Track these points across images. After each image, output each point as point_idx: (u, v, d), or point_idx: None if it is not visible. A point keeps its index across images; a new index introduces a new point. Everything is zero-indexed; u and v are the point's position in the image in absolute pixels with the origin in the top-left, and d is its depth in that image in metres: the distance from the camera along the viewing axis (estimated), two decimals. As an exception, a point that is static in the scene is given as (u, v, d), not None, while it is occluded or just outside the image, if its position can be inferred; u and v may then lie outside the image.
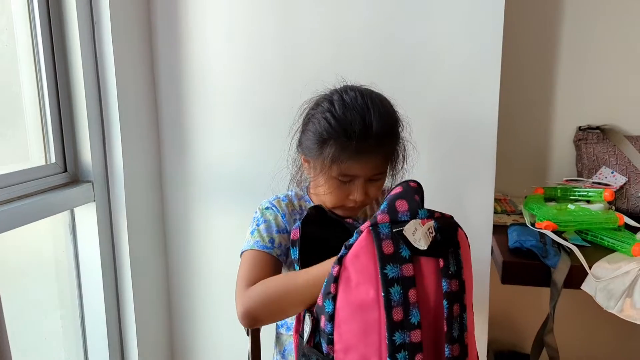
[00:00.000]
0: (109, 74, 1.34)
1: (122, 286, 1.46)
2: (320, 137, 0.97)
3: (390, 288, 0.75)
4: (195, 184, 1.54)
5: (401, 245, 0.77)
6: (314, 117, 1.01)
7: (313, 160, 1.01)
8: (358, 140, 0.94)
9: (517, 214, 1.52)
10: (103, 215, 1.41)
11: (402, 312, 0.75)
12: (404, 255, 0.77)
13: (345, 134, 0.95)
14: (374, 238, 0.77)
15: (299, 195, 1.10)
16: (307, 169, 1.05)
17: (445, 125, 1.36)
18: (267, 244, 0.99)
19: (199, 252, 1.58)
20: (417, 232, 0.77)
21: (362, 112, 0.96)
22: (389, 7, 1.34)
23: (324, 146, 0.96)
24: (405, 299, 0.76)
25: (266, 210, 1.06)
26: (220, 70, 1.46)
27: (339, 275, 0.79)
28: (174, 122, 1.51)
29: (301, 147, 1.04)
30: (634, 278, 1.13)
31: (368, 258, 0.77)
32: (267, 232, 1.01)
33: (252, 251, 0.99)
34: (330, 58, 1.38)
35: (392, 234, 0.77)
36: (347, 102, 0.98)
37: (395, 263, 0.76)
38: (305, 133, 1.02)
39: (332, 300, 0.79)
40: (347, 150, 0.94)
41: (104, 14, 1.32)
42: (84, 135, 1.34)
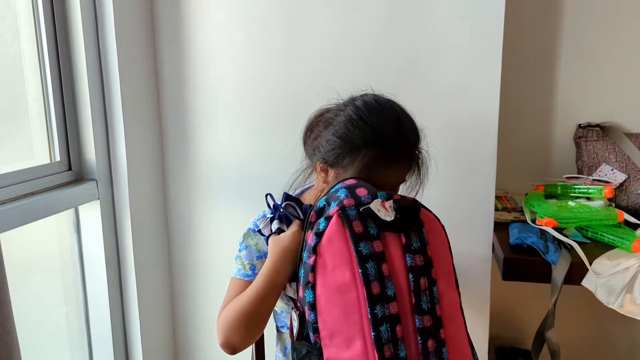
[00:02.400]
0: (112, 72, 1.36)
1: (126, 283, 1.48)
2: (352, 145, 0.94)
3: (366, 264, 0.80)
4: (198, 181, 1.55)
5: (369, 223, 0.82)
6: (336, 124, 0.97)
7: (337, 170, 0.97)
8: (395, 149, 0.94)
9: (518, 211, 1.53)
10: (107, 213, 1.42)
11: (379, 286, 0.79)
12: (373, 233, 0.82)
13: (382, 141, 0.93)
14: (344, 220, 0.82)
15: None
16: (323, 177, 1.00)
17: (446, 123, 1.37)
18: (247, 272, 1.02)
19: (202, 249, 1.59)
20: (381, 210, 0.83)
21: (394, 120, 0.96)
22: (390, 8, 1.34)
23: (356, 154, 0.93)
24: (379, 273, 0.80)
25: (247, 236, 1.07)
26: (223, 69, 1.46)
27: (315, 264, 0.82)
28: (177, 120, 1.52)
29: (319, 154, 0.99)
30: (634, 274, 1.14)
31: (340, 241, 0.81)
32: (248, 258, 1.04)
33: (234, 279, 1.03)
34: (332, 57, 1.38)
35: (360, 214, 0.82)
36: (376, 108, 0.96)
37: (367, 240, 0.81)
38: (327, 141, 0.97)
39: (311, 289, 0.82)
40: (384, 158, 0.94)
41: (107, 13, 1.33)
42: (88, 134, 1.35)
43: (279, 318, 1.15)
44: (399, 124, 0.95)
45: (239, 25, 1.43)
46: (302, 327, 0.86)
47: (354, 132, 0.94)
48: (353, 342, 0.79)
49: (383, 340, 0.77)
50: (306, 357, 0.84)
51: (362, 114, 0.95)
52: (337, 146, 0.95)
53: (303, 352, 0.85)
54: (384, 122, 0.94)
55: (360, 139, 0.93)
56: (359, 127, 0.94)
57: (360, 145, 0.93)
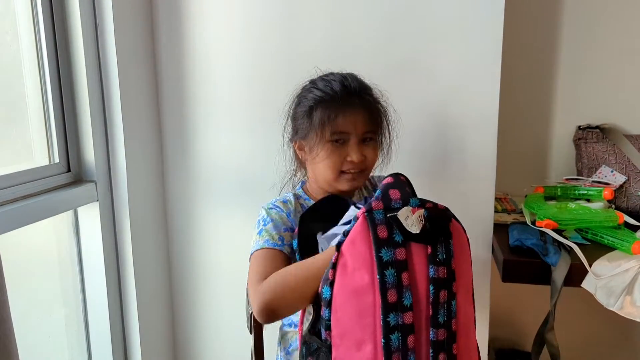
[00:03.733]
0: (111, 74, 1.35)
1: (125, 285, 1.47)
2: (308, 110, 1.04)
3: (385, 270, 0.79)
4: (197, 183, 1.55)
5: (395, 230, 0.81)
6: (299, 103, 1.08)
7: (307, 139, 1.04)
8: (341, 96, 1.02)
9: (518, 213, 1.53)
10: (106, 215, 1.41)
11: (396, 294, 0.79)
12: (397, 240, 0.81)
13: (328, 95, 1.03)
14: (369, 223, 0.81)
15: (297, 195, 1.11)
16: (303, 155, 1.08)
17: (446, 125, 1.37)
18: (277, 242, 0.99)
19: (202, 251, 1.59)
20: (409, 218, 0.81)
21: (341, 78, 1.05)
22: (389, 9, 1.34)
23: (312, 115, 1.02)
24: (399, 281, 0.79)
25: (271, 210, 1.06)
26: (223, 70, 1.46)
27: (336, 262, 0.82)
28: (176, 121, 1.52)
29: (292, 134, 1.09)
30: (634, 276, 1.13)
31: (363, 244, 0.81)
32: (276, 230, 1.01)
33: (262, 250, 0.98)
34: (332, 58, 1.37)
35: (386, 219, 0.81)
36: (328, 77, 1.07)
37: (390, 247, 0.80)
38: (294, 120, 1.08)
39: (329, 287, 0.82)
40: (333, 106, 1.01)
41: (106, 14, 1.33)
42: (87, 135, 1.35)
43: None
44: (344, 80, 1.05)
45: (238, 27, 1.43)
46: (315, 322, 0.85)
47: (307, 97, 1.06)
48: (364, 345, 0.79)
49: (392, 349, 0.77)
50: (315, 353, 0.84)
51: (314, 84, 1.07)
52: (299, 117, 1.06)
53: (313, 347, 0.85)
54: (330, 83, 1.05)
55: (312, 99, 1.04)
56: (311, 94, 1.05)
57: (313, 106, 1.03)
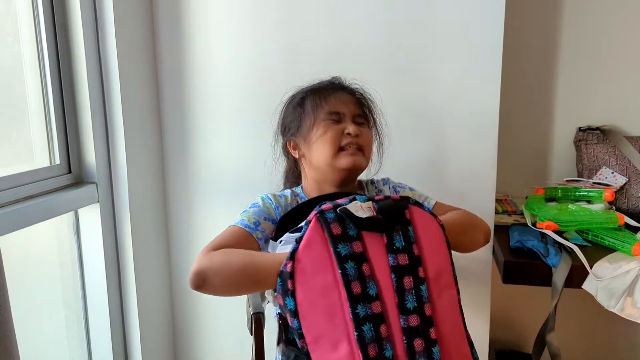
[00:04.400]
0: (112, 75, 1.35)
1: (125, 287, 1.47)
2: (299, 102, 1.10)
3: (345, 264, 0.80)
4: (198, 185, 1.55)
5: (348, 225, 0.83)
6: (288, 106, 1.14)
7: (301, 130, 1.08)
8: (330, 86, 1.11)
9: (518, 214, 1.53)
10: (107, 216, 1.41)
11: (360, 286, 0.80)
12: (352, 234, 0.83)
13: (316, 86, 1.12)
14: (322, 223, 0.83)
15: (295, 193, 1.13)
16: (298, 152, 1.11)
17: (446, 126, 1.37)
18: (250, 224, 1.01)
19: (201, 248, 1.58)
20: (359, 211, 0.84)
21: (330, 78, 1.14)
22: (391, 11, 1.35)
23: (304, 104, 1.08)
24: (360, 273, 0.81)
25: (261, 199, 1.09)
26: (223, 73, 1.47)
27: (293, 270, 0.82)
28: (177, 123, 1.52)
29: (284, 138, 1.14)
30: (635, 277, 1.13)
31: (319, 244, 0.82)
32: (255, 215, 1.04)
33: (234, 227, 1.02)
34: (332, 62, 1.39)
35: (338, 216, 0.83)
36: (318, 80, 1.15)
37: (346, 242, 0.82)
38: (285, 120, 1.13)
39: (291, 297, 0.82)
40: (323, 92, 1.08)
41: (107, 16, 1.33)
42: (88, 137, 1.35)
43: None
44: (333, 78, 1.14)
45: (238, 29, 1.43)
46: (284, 332, 0.87)
47: (296, 96, 1.13)
48: (339, 344, 0.79)
49: (367, 340, 0.78)
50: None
51: (302, 87, 1.14)
52: (289, 114, 1.12)
53: (292, 357, 0.86)
54: (317, 81, 1.14)
55: (302, 93, 1.11)
56: (299, 91, 1.13)
57: (304, 96, 1.10)
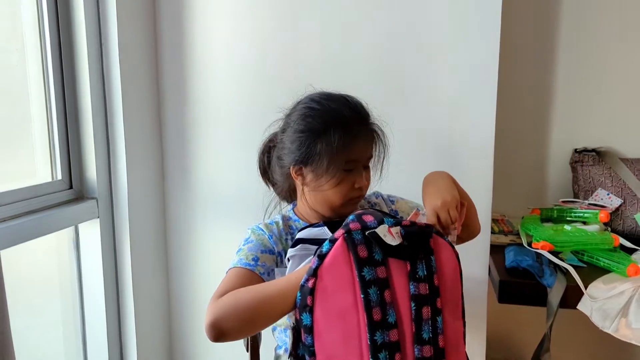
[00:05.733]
0: (115, 92, 1.38)
1: (123, 302, 1.48)
2: (317, 132, 0.97)
3: (368, 289, 0.80)
4: (197, 202, 1.56)
5: (374, 249, 0.83)
6: (293, 124, 1.01)
7: (313, 165, 0.98)
8: (355, 123, 0.98)
9: (515, 234, 1.54)
10: (106, 232, 1.43)
11: (381, 312, 0.80)
12: (377, 258, 0.82)
13: (342, 119, 0.97)
14: (349, 244, 0.82)
15: (286, 217, 1.09)
16: (302, 180, 1.03)
17: (442, 146, 1.38)
18: (249, 262, 0.98)
19: (201, 270, 1.60)
20: (387, 236, 0.83)
21: (344, 100, 1.01)
22: (390, 33, 1.38)
23: (323, 139, 0.96)
24: (382, 299, 0.81)
25: (253, 232, 1.05)
26: (223, 92, 1.49)
27: (314, 287, 0.81)
28: (178, 140, 1.54)
29: (288, 159, 1.02)
30: (629, 298, 1.14)
31: (344, 264, 0.82)
32: (252, 251, 1.00)
33: (234, 268, 0.98)
34: (332, 83, 1.40)
35: (365, 238, 0.82)
36: (324, 96, 1.02)
37: (371, 266, 0.81)
38: (292, 142, 1.00)
39: (309, 313, 0.82)
40: (349, 134, 0.97)
41: (111, 35, 1.36)
42: (90, 153, 1.37)
43: (280, 337, 1.15)
44: (349, 102, 1.01)
45: (241, 50, 1.46)
46: (296, 346, 0.85)
47: (314, 120, 0.98)
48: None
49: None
50: None
51: (315, 104, 1.00)
52: (304, 140, 0.98)
53: None
54: (337, 104, 0.99)
55: (323, 124, 0.97)
56: (318, 115, 0.99)
57: (325, 129, 0.96)
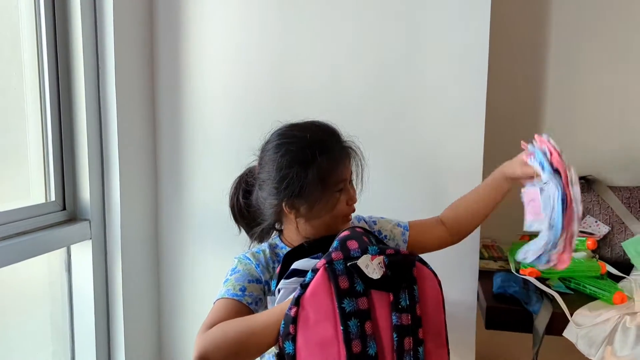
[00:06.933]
0: (110, 115, 1.40)
1: (113, 326, 1.48)
2: (302, 164, 0.96)
3: (348, 321, 0.81)
4: (191, 225, 1.57)
5: (356, 279, 0.83)
6: (272, 162, 1.00)
7: (304, 196, 0.97)
8: (333, 144, 1.00)
9: (504, 260, 1.54)
10: (98, 254, 1.43)
11: (361, 345, 0.80)
12: (359, 290, 0.83)
13: (325, 146, 0.98)
14: (330, 275, 0.83)
15: (272, 245, 1.09)
16: (295, 213, 1.01)
17: (432, 170, 1.40)
18: (237, 292, 0.98)
19: (193, 293, 1.60)
20: (369, 266, 0.83)
21: (314, 125, 1.03)
22: (380, 55, 1.41)
23: (313, 168, 0.96)
24: (362, 331, 0.81)
25: (239, 262, 1.05)
26: (218, 113, 1.51)
27: (297, 316, 0.82)
28: (173, 162, 1.56)
29: (279, 195, 1.00)
30: (614, 326, 1.15)
31: (325, 295, 0.82)
32: (239, 281, 1.00)
33: (221, 299, 0.98)
34: (324, 107, 1.43)
35: (347, 269, 0.83)
36: (294, 128, 1.02)
37: (352, 297, 0.82)
38: (276, 179, 0.99)
39: (291, 342, 0.82)
40: (334, 159, 0.99)
41: (108, 58, 1.39)
42: (84, 174, 1.39)
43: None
44: (320, 126, 1.02)
45: (236, 74, 1.49)
46: None
47: (298, 152, 0.98)
48: None
49: None
50: None
51: (290, 137, 1.01)
52: (293, 173, 0.97)
53: None
54: (311, 131, 1.00)
55: (307, 153, 0.97)
56: (299, 146, 0.98)
57: (312, 157, 0.96)
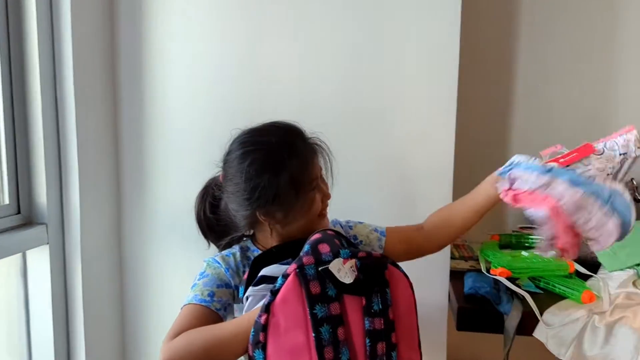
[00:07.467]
0: (68, 115, 1.34)
1: (73, 335, 1.41)
2: (273, 171, 0.93)
3: (320, 328, 0.79)
4: (155, 228, 1.52)
5: (327, 284, 0.81)
6: (241, 172, 0.96)
7: (280, 202, 0.94)
8: (300, 143, 0.97)
9: (475, 260, 1.54)
10: (56, 259, 1.37)
11: (333, 351, 0.79)
12: (331, 295, 0.81)
13: (290, 146, 0.95)
14: (301, 280, 0.80)
15: (244, 248, 1.06)
16: (270, 221, 0.98)
17: (402, 174, 1.39)
18: (205, 298, 0.95)
19: (158, 299, 1.55)
20: (341, 270, 0.81)
21: (276, 128, 0.99)
22: (349, 60, 1.39)
23: (283, 173, 0.93)
24: (334, 337, 0.79)
25: (208, 265, 1.02)
26: (182, 115, 1.47)
27: (267, 323, 0.80)
28: (135, 165, 1.51)
29: (252, 205, 0.96)
30: (584, 325, 1.15)
31: (296, 301, 0.80)
32: (207, 286, 0.97)
33: (189, 305, 0.95)
34: (291, 109, 1.40)
35: (318, 274, 0.81)
36: (256, 134, 0.99)
37: (323, 302, 0.80)
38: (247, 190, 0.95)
39: (261, 350, 0.80)
40: (302, 156, 0.96)
41: (65, 55, 1.32)
42: (40, 177, 1.32)
43: None
44: (283, 127, 0.99)
45: (200, 71, 1.45)
46: None
47: (266, 158, 0.95)
48: None
49: None
50: None
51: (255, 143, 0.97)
52: (265, 181, 0.93)
53: None
54: (275, 134, 0.97)
55: (277, 158, 0.94)
56: (266, 152, 0.95)
57: (281, 162, 0.94)
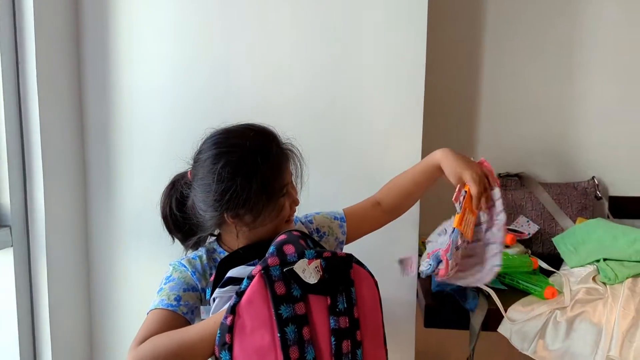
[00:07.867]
0: (32, 116, 1.31)
1: (39, 340, 1.39)
2: (246, 174, 0.92)
3: (285, 328, 0.80)
4: (123, 231, 1.50)
5: (292, 285, 0.82)
6: (213, 172, 0.94)
7: (249, 206, 0.93)
8: (274, 148, 0.96)
9: (442, 258, 1.57)
10: (21, 262, 1.34)
11: (298, 351, 0.80)
12: (296, 295, 0.82)
13: (265, 151, 0.94)
14: (266, 281, 0.81)
15: (210, 250, 1.05)
16: (237, 224, 0.97)
17: (370, 170, 1.40)
18: (171, 302, 0.94)
19: (126, 303, 1.53)
20: (306, 270, 0.82)
21: (251, 131, 0.97)
22: (317, 58, 1.40)
23: (256, 177, 0.92)
24: (300, 337, 0.80)
25: (174, 269, 1.01)
26: (150, 117, 1.45)
27: (233, 325, 0.81)
28: (102, 166, 1.48)
29: (221, 207, 0.94)
30: (546, 320, 1.19)
31: (261, 302, 0.81)
32: (173, 290, 0.96)
33: (155, 310, 0.94)
34: (259, 110, 1.39)
35: (283, 275, 0.82)
36: (231, 135, 0.98)
37: (289, 303, 0.81)
38: (217, 191, 0.93)
39: (228, 351, 0.81)
40: (275, 161, 0.95)
41: (28, 52, 1.30)
42: (3, 178, 1.29)
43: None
44: (258, 130, 0.98)
45: (168, 70, 1.43)
46: None
47: (239, 162, 0.93)
48: None
49: None
50: None
51: (229, 145, 0.96)
52: (237, 184, 0.92)
53: None
54: (251, 138, 0.95)
55: (249, 162, 0.93)
56: (240, 155, 0.94)
57: (254, 166, 0.92)
